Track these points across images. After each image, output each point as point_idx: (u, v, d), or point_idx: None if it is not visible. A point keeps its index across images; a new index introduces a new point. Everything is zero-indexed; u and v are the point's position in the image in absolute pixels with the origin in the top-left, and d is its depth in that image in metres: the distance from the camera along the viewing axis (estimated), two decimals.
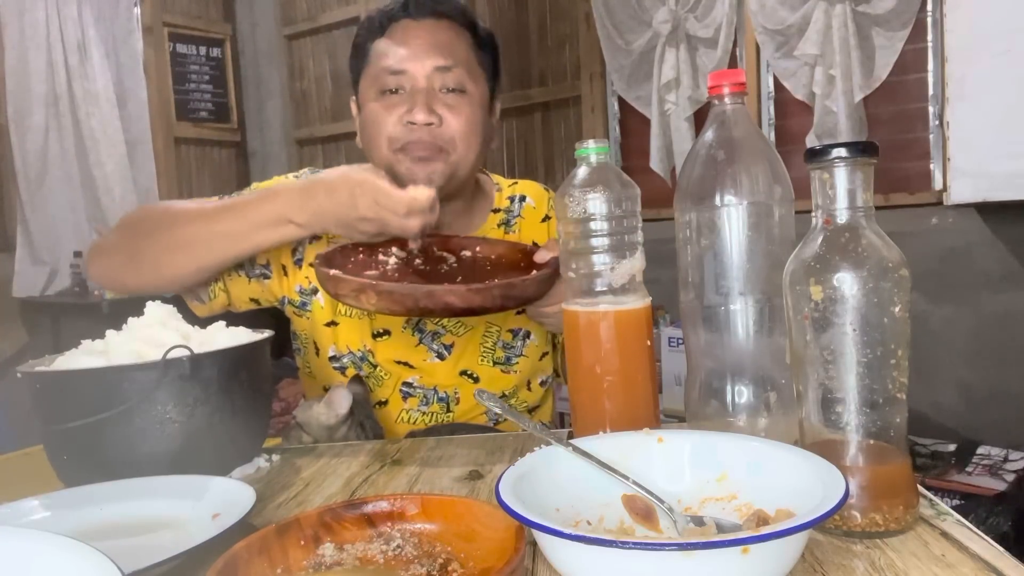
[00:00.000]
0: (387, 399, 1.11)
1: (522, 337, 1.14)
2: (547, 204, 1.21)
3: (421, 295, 0.82)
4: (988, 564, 0.52)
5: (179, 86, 4.09)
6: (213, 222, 0.99)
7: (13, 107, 3.41)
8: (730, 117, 0.72)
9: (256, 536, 0.54)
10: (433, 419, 1.10)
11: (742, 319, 0.70)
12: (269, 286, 1.11)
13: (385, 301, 0.82)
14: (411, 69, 1.03)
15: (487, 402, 0.71)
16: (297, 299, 1.11)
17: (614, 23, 3.17)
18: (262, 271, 1.10)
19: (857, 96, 2.57)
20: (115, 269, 1.07)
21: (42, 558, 0.48)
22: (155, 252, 1.02)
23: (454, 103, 1.03)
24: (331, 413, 0.96)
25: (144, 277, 1.05)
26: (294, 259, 1.11)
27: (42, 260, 3.45)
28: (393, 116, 1.02)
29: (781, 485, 0.54)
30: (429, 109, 1.01)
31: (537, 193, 1.22)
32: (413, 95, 1.02)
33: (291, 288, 1.11)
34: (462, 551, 0.56)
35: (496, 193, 1.20)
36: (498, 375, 1.13)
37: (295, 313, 1.12)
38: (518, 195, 1.20)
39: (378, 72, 1.05)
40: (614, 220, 0.73)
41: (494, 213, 1.18)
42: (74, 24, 3.55)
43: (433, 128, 1.02)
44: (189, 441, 0.77)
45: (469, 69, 1.05)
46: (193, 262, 1.00)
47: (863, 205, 0.59)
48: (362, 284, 0.83)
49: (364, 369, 1.10)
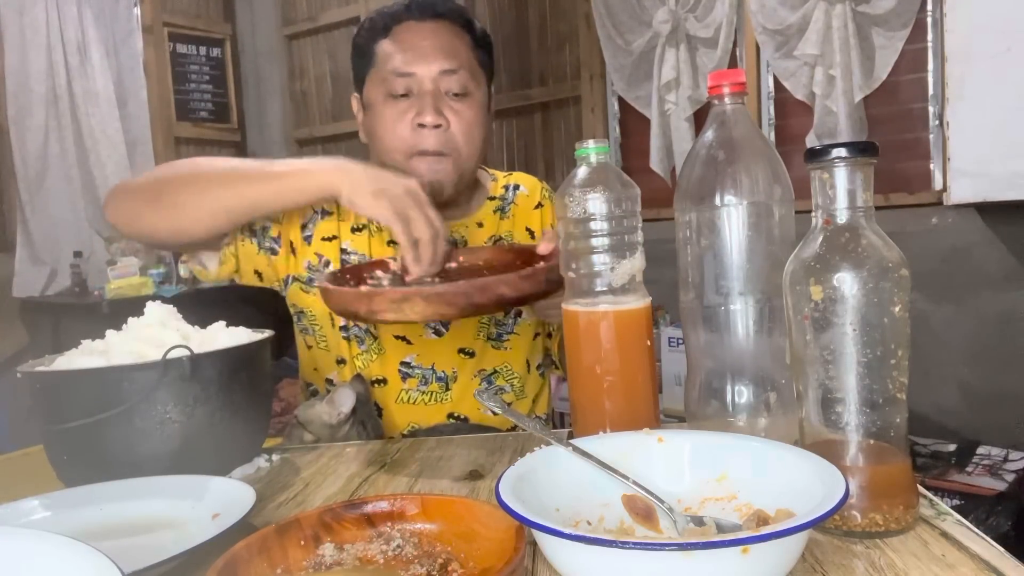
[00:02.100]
0: (386, 377, 1.11)
1: (513, 315, 1.17)
2: (540, 192, 1.26)
3: (474, 290, 0.76)
4: (988, 564, 0.52)
5: (179, 86, 4.09)
6: (247, 184, 1.00)
7: (13, 107, 3.41)
8: (730, 117, 0.72)
9: (256, 536, 0.54)
10: (432, 398, 1.12)
11: (742, 319, 0.70)
12: (275, 262, 1.13)
13: (434, 305, 0.76)
14: (418, 72, 1.06)
15: (487, 402, 0.71)
16: (305, 275, 1.13)
17: (614, 23, 3.17)
18: (272, 244, 1.12)
19: (857, 96, 2.57)
20: (135, 209, 1.06)
21: (42, 558, 0.48)
22: (180, 194, 1.02)
23: (459, 107, 1.08)
24: (334, 412, 0.96)
25: (162, 219, 1.03)
26: (303, 236, 1.13)
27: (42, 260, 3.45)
28: (404, 121, 1.06)
29: (781, 485, 0.54)
30: (437, 111, 1.05)
31: (531, 183, 1.27)
32: (421, 98, 1.06)
33: (299, 265, 1.13)
34: (462, 551, 0.56)
35: (491, 183, 1.25)
36: (491, 351, 1.15)
37: (303, 290, 1.13)
38: (512, 184, 1.26)
39: (385, 75, 1.08)
40: (614, 220, 0.73)
41: (490, 200, 1.22)
42: (74, 24, 3.55)
43: (441, 131, 1.06)
44: (189, 441, 0.77)
45: (471, 71, 1.10)
46: (218, 203, 1.00)
47: (863, 205, 0.59)
48: (405, 293, 0.76)
49: (366, 342, 1.11)
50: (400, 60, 1.07)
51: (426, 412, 1.11)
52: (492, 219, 1.20)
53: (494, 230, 1.19)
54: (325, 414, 0.96)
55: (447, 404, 1.12)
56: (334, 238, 1.13)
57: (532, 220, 1.22)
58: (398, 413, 1.11)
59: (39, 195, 3.46)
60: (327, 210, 1.14)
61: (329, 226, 1.14)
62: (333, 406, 0.96)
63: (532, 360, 1.20)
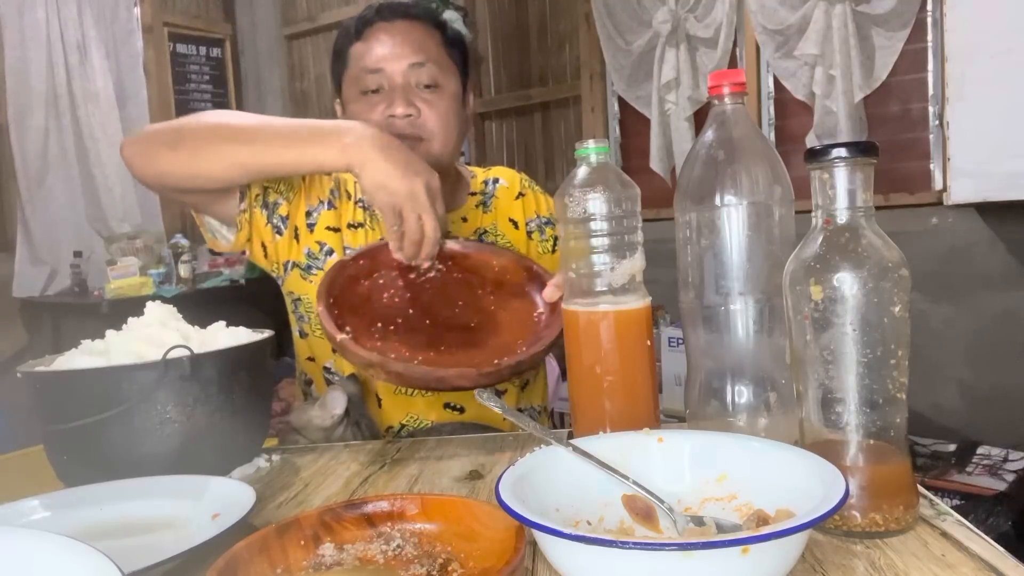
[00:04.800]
0: None
1: None
2: (520, 183, 1.30)
3: (432, 379, 0.84)
4: (988, 564, 0.52)
5: (179, 86, 4.09)
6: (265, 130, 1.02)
7: (13, 107, 3.40)
8: (730, 117, 0.72)
9: (256, 536, 0.54)
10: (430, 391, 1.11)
11: (742, 319, 0.70)
12: (277, 244, 1.15)
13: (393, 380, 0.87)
14: (387, 67, 1.11)
15: (487, 402, 0.71)
16: (304, 262, 1.15)
17: (614, 23, 3.17)
18: (279, 223, 1.15)
19: (857, 96, 2.57)
20: (153, 149, 1.06)
21: (42, 558, 0.48)
22: (200, 141, 1.03)
23: (430, 97, 1.12)
24: (326, 415, 0.96)
25: (179, 163, 1.04)
26: (307, 223, 1.15)
27: (42, 260, 3.45)
28: (375, 113, 1.10)
29: (781, 485, 0.54)
30: (408, 102, 1.09)
31: (509, 175, 1.32)
32: (392, 92, 1.10)
33: (299, 252, 1.15)
34: (462, 551, 0.56)
35: (472, 179, 1.30)
36: None
37: (301, 276, 1.15)
38: (492, 178, 1.30)
39: (358, 73, 1.12)
40: (614, 220, 0.73)
41: (471, 196, 1.27)
42: (74, 24, 3.55)
43: (412, 119, 1.10)
44: (189, 441, 0.77)
45: (440, 65, 1.14)
46: (236, 158, 1.01)
47: (863, 205, 0.59)
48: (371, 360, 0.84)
49: None
50: (370, 58, 1.11)
51: (424, 403, 1.12)
52: (475, 213, 1.24)
53: (477, 223, 1.23)
54: (317, 418, 0.96)
55: (444, 395, 1.12)
56: (337, 230, 1.16)
57: (514, 211, 1.27)
58: (396, 404, 1.12)
59: (39, 195, 3.46)
60: (332, 203, 1.17)
61: (332, 217, 1.17)
62: (325, 409, 0.96)
63: None
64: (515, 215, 1.26)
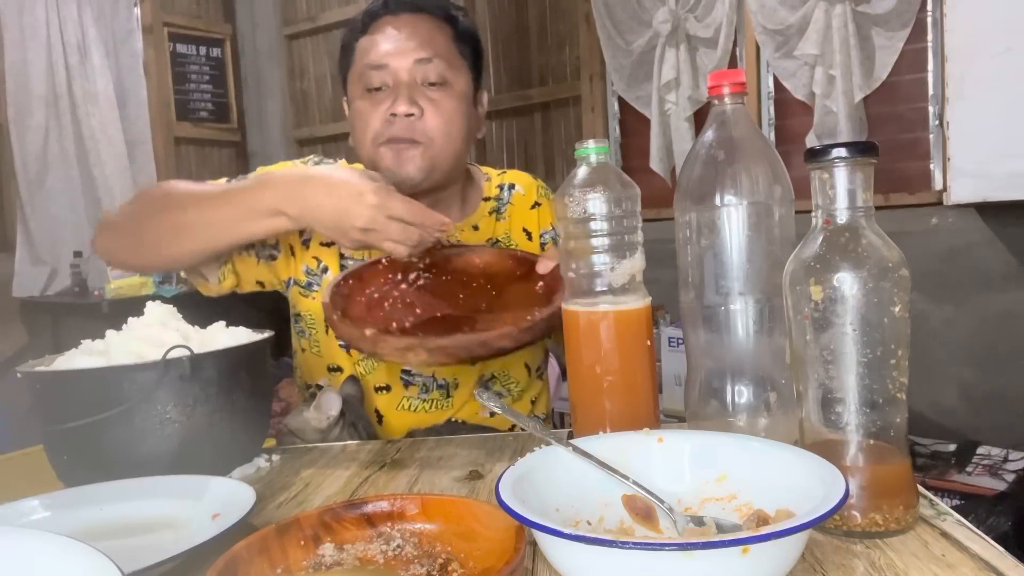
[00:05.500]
0: (389, 384, 1.11)
1: None
2: (536, 191, 1.23)
3: (475, 344, 0.80)
4: (988, 564, 0.52)
5: (179, 86, 4.09)
6: (209, 208, 0.99)
7: (13, 107, 3.40)
8: (730, 117, 0.72)
9: (256, 536, 0.54)
10: (433, 406, 1.11)
11: (742, 319, 0.70)
12: (275, 267, 1.13)
13: (437, 356, 0.80)
14: (392, 63, 1.05)
15: (487, 402, 0.71)
16: (304, 279, 1.12)
17: (614, 23, 3.17)
18: (270, 251, 1.12)
19: (857, 96, 2.57)
20: (119, 248, 1.09)
21: (42, 558, 0.48)
22: (155, 235, 1.03)
23: (436, 96, 1.05)
24: (321, 417, 0.96)
25: (146, 258, 1.08)
26: (302, 240, 1.13)
27: (42, 260, 3.45)
28: (378, 112, 1.05)
29: (781, 485, 0.54)
30: (411, 101, 1.03)
31: (526, 181, 1.24)
32: (396, 89, 1.05)
33: (298, 269, 1.13)
34: (462, 551, 0.56)
35: (486, 183, 1.23)
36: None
37: (301, 294, 1.13)
38: (507, 183, 1.23)
39: (362, 69, 1.07)
40: (614, 220, 0.73)
41: (485, 201, 1.20)
42: (74, 24, 3.55)
43: (413, 120, 1.04)
44: (189, 441, 0.77)
45: (449, 61, 1.07)
46: (189, 246, 1.01)
47: (863, 205, 0.59)
48: (409, 343, 0.80)
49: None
50: (375, 53, 1.06)
51: (426, 419, 1.11)
52: (488, 221, 1.18)
53: (490, 232, 1.18)
54: (314, 420, 0.96)
55: (447, 410, 1.12)
56: (332, 244, 1.12)
57: (529, 221, 1.20)
58: (399, 419, 1.11)
59: (39, 195, 3.46)
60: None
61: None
62: (320, 411, 0.96)
63: (532, 364, 1.19)
64: (529, 225, 1.19)
